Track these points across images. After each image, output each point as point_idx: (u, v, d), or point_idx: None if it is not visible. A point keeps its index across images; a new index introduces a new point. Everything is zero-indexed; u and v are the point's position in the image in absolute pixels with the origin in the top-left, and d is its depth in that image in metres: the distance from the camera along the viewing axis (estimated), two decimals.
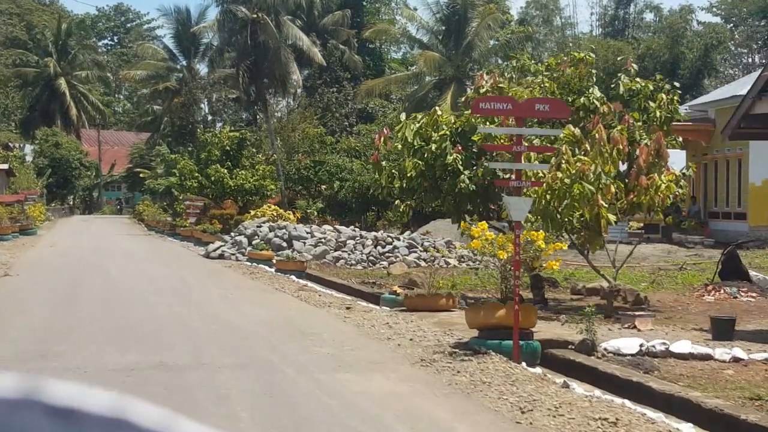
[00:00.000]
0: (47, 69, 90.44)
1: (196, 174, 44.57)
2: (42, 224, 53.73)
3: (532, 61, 18.64)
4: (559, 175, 13.50)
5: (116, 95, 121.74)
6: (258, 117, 66.48)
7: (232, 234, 30.63)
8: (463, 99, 17.81)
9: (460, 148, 15.75)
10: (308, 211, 42.68)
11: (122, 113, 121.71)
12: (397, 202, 17.83)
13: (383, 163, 17.21)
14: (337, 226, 30.12)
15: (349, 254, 26.46)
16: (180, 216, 49.42)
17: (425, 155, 15.96)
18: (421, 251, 26.95)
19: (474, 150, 15.98)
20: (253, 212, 34.68)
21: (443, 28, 64.94)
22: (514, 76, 17.78)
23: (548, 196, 13.60)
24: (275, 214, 32.62)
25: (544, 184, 13.52)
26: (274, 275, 22.11)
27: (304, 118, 56.44)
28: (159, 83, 69.14)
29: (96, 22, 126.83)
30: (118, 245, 37.00)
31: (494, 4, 69.42)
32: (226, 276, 22.42)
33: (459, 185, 15.56)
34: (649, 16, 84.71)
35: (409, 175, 16.26)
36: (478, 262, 26.45)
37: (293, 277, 21.41)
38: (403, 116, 16.81)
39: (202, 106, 66.83)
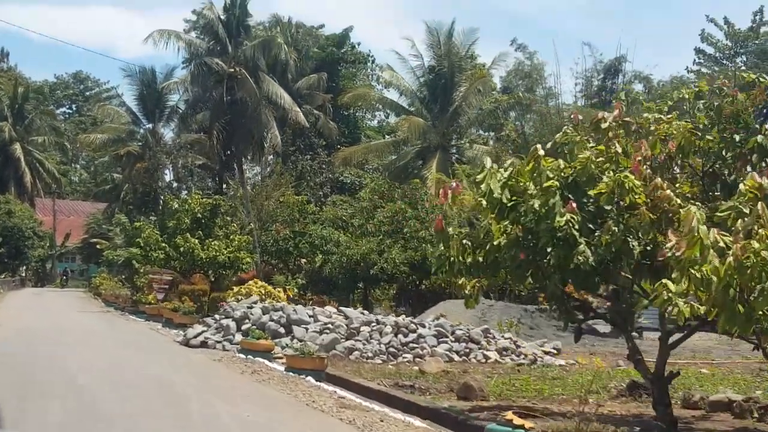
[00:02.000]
0: (2, 134, 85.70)
1: (163, 244, 39.61)
2: None
3: (642, 96, 14.30)
4: (755, 245, 8.91)
5: (73, 164, 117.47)
6: (227, 184, 61.89)
7: (217, 316, 25.09)
8: (561, 138, 12.95)
9: (574, 205, 11.05)
10: (287, 287, 37.58)
11: (78, 182, 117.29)
12: (461, 281, 12.94)
13: (450, 230, 12.45)
14: (343, 309, 25.05)
15: (364, 344, 21.16)
16: (141, 291, 44.52)
17: (523, 215, 11.26)
18: (452, 341, 21.97)
19: (591, 209, 11.28)
20: (236, 289, 29.47)
21: (426, 93, 60.83)
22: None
23: (734, 278, 8.98)
24: (263, 291, 27.61)
25: (729, 260, 8.93)
26: (285, 376, 16.74)
27: (278, 186, 51.78)
28: (120, 147, 64.59)
29: (54, 90, 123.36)
30: (77, 325, 31.12)
31: (482, 69, 65.67)
32: (223, 377, 16.83)
33: (576, 259, 10.82)
34: (638, 87, 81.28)
35: (496, 243, 11.53)
36: (523, 357, 21.75)
37: (310, 379, 16.28)
38: (488, 161, 12.05)
39: (167, 172, 62.12)
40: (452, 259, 12.08)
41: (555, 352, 23.16)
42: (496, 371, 18.75)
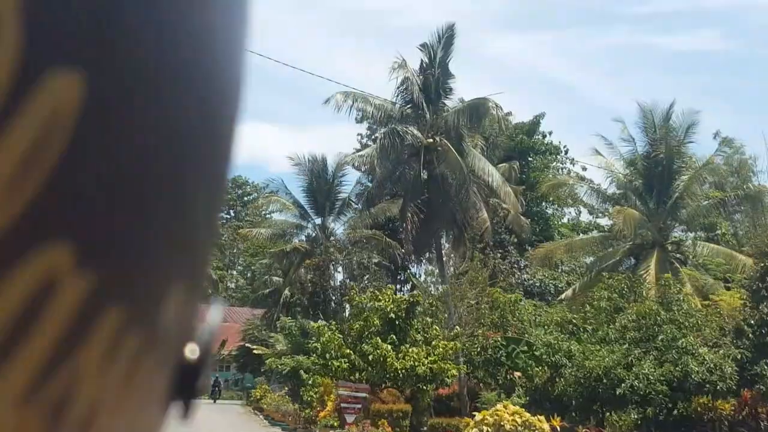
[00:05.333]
0: None
1: (347, 351, 31.86)
2: None
3: None
4: None
5: (229, 270, 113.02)
6: (410, 283, 54.01)
7: None
8: None
9: None
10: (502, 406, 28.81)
11: (235, 289, 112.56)
12: None
13: None
14: None
15: None
16: (310, 407, 37.00)
17: None
18: None
19: None
20: (480, 416, 20.52)
21: (640, 181, 52.31)
22: None
23: None
24: (519, 421, 18.86)
25: None
26: None
27: (474, 284, 43.30)
28: (285, 244, 58.13)
29: None
30: None
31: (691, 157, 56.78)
32: None
33: None
34: None
35: None
36: None
37: None
38: None
39: (339, 270, 54.87)
40: None
41: None
42: None
